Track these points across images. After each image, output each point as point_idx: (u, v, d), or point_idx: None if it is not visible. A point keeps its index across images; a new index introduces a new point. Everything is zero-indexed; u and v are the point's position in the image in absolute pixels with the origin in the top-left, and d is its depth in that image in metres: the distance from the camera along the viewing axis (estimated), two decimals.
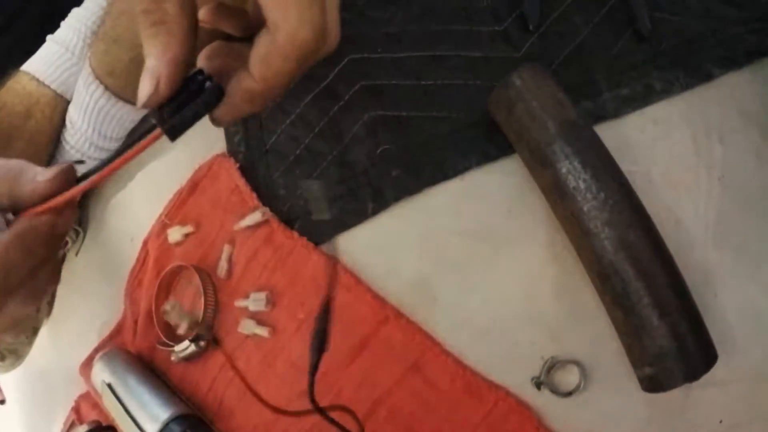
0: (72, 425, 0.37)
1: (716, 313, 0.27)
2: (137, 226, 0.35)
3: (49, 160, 0.37)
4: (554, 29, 0.31)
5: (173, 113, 0.21)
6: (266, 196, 0.30)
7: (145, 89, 0.21)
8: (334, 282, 0.26)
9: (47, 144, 0.36)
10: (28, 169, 0.23)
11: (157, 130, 0.21)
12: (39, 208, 0.22)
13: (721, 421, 0.27)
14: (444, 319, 0.27)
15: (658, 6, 0.31)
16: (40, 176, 0.22)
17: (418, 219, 0.28)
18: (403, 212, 0.28)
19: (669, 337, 0.23)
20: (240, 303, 0.30)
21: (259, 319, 0.29)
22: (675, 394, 0.25)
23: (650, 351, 0.23)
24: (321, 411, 0.19)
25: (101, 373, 0.33)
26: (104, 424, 0.35)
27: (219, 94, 0.21)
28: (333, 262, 0.27)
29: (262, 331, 0.29)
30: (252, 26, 0.26)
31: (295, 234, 0.29)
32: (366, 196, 0.29)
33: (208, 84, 0.21)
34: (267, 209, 0.30)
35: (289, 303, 0.29)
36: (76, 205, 0.25)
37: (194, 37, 0.21)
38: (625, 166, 0.26)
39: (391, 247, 0.28)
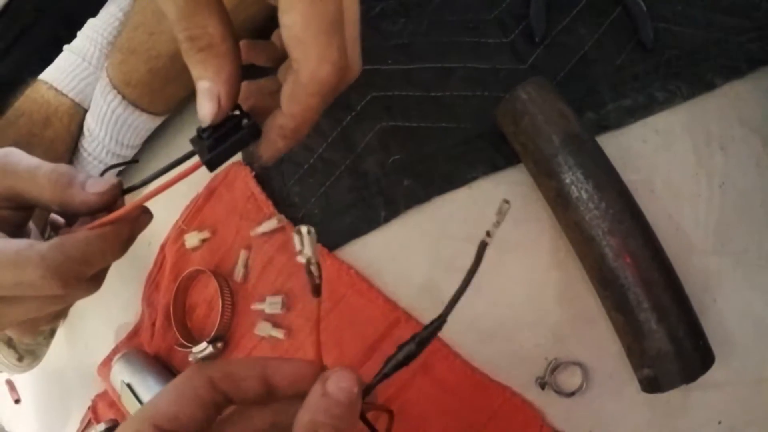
0: (89, 424, 0.40)
1: (715, 318, 0.29)
2: (154, 231, 0.38)
3: None
4: (559, 41, 0.33)
5: (213, 147, 0.22)
6: (281, 203, 0.32)
7: (207, 108, 0.21)
8: (350, 293, 0.27)
9: (65, 151, 0.38)
10: (77, 176, 0.23)
11: (197, 161, 0.23)
12: (93, 224, 0.22)
13: (720, 422, 0.29)
14: (452, 322, 0.29)
15: (661, 17, 0.33)
16: (90, 187, 0.23)
17: (428, 226, 0.30)
18: (413, 220, 0.30)
19: (667, 340, 0.25)
20: (256, 306, 0.32)
21: (274, 321, 0.32)
22: (674, 396, 0.27)
23: (649, 353, 0.25)
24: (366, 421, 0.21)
25: (120, 373, 0.35)
26: (121, 422, 0.37)
27: (255, 131, 0.23)
28: (349, 268, 0.29)
29: (278, 333, 0.31)
30: (280, 57, 0.28)
31: None
32: (378, 205, 0.31)
33: (245, 122, 0.23)
34: (282, 216, 0.32)
35: (303, 306, 0.31)
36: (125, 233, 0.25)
37: (240, 58, 0.22)
38: (627, 175, 0.28)
39: (402, 253, 0.30)
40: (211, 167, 0.23)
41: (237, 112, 0.23)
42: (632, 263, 0.26)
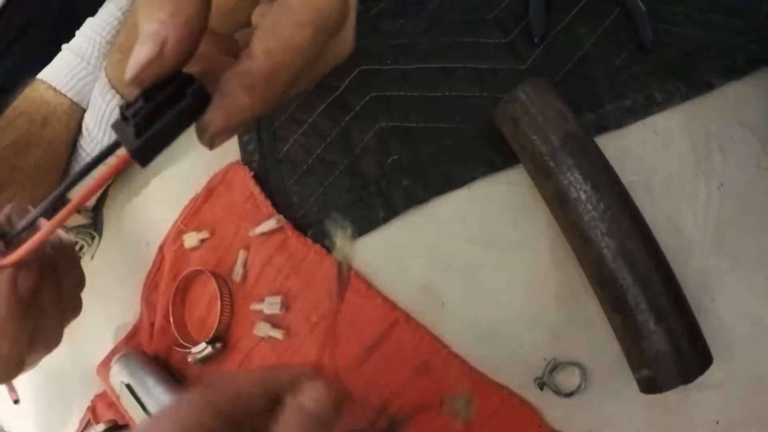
0: (88, 424, 0.40)
1: (714, 318, 0.29)
2: (153, 231, 0.38)
3: (65, 167, 0.39)
4: (558, 41, 0.33)
5: (143, 129, 0.16)
6: (280, 203, 0.33)
7: (142, 53, 0.16)
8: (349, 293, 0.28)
9: (64, 151, 0.39)
10: None
11: (124, 154, 0.17)
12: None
13: (717, 422, 0.29)
14: (451, 323, 0.30)
15: (660, 17, 0.33)
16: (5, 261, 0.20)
17: (426, 227, 0.31)
18: (412, 220, 0.31)
19: (665, 341, 0.25)
20: (255, 306, 0.33)
21: (273, 322, 0.32)
22: (673, 396, 0.27)
23: (647, 354, 0.26)
24: None
25: (119, 374, 0.36)
26: (120, 423, 0.38)
27: (203, 98, 0.17)
28: (346, 267, 0.30)
29: (277, 334, 0.32)
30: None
31: (309, 241, 0.32)
32: (377, 205, 0.31)
33: (189, 90, 0.17)
34: (281, 217, 0.32)
35: (302, 307, 0.32)
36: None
37: (209, 8, 0.17)
38: (626, 176, 0.29)
39: (400, 253, 0.31)
40: (142, 159, 0.17)
41: (179, 81, 0.17)
42: (630, 264, 0.26)
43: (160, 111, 0.16)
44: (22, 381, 0.47)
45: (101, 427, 0.37)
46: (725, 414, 0.29)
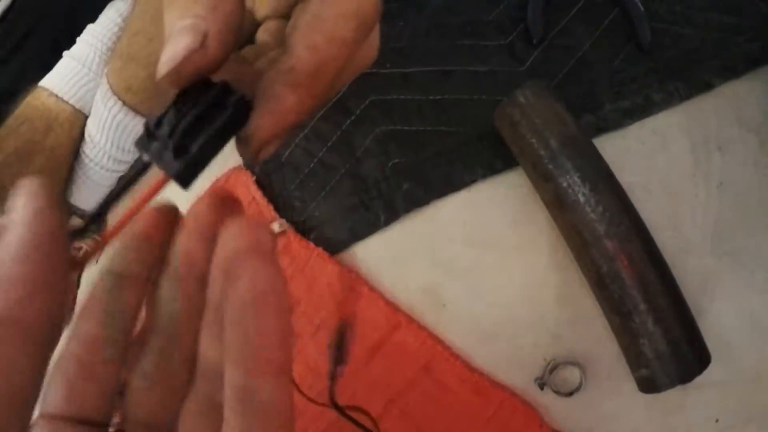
0: None
1: (713, 318, 0.29)
2: None
3: (68, 174, 0.40)
4: (557, 42, 0.34)
5: (182, 148, 0.14)
6: (282, 207, 0.33)
7: (180, 44, 0.15)
8: (351, 295, 0.29)
9: (67, 157, 0.40)
10: None
11: (161, 176, 0.15)
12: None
13: (717, 421, 0.30)
14: (452, 324, 0.30)
15: (658, 17, 0.34)
16: None
17: (427, 229, 0.31)
18: (413, 223, 0.31)
19: (663, 341, 0.26)
20: None
21: None
22: (672, 395, 0.28)
23: (646, 354, 0.26)
24: (341, 410, 0.22)
25: None
26: None
27: (246, 109, 0.15)
28: (350, 272, 0.30)
29: None
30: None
31: (311, 244, 0.32)
32: (378, 208, 0.32)
33: (231, 98, 0.15)
34: (284, 221, 0.33)
35: (305, 309, 0.32)
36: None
37: (244, 5, 0.16)
38: (624, 177, 0.29)
39: (402, 256, 0.31)
40: (185, 182, 0.15)
41: (213, 92, 0.15)
42: (629, 266, 0.27)
43: (199, 126, 0.15)
44: None
45: None
46: (724, 413, 0.30)
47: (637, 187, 0.30)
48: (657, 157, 0.32)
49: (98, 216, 0.43)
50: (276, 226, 0.33)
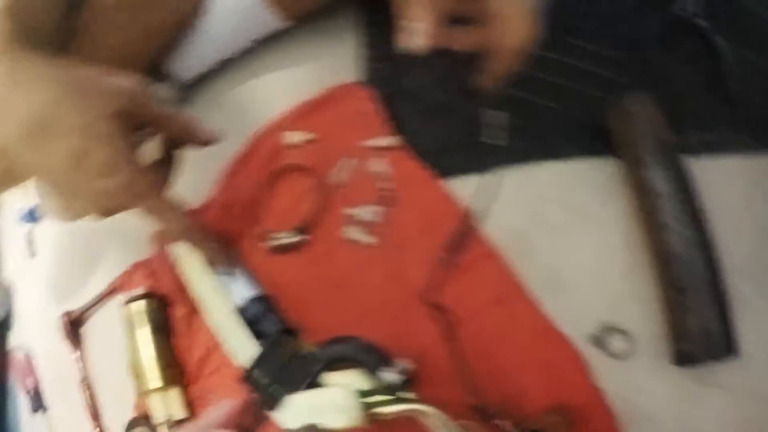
0: (118, 288, 0.40)
1: (741, 329, 0.35)
2: (248, 120, 0.40)
3: (176, 39, 0.41)
4: (659, 64, 0.40)
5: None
6: (398, 127, 0.37)
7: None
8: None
9: (185, 22, 0.40)
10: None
11: None
12: None
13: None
14: (533, 269, 0.34)
15: (753, 69, 0.40)
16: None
17: (524, 184, 0.36)
18: (513, 175, 0.36)
19: (708, 320, 0.31)
20: (347, 210, 0.36)
21: (366, 227, 0.35)
22: (697, 381, 0.33)
23: (690, 330, 0.31)
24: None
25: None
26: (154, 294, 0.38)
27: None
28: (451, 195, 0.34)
29: (368, 239, 0.35)
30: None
31: (422, 165, 0.35)
32: (486, 152, 0.36)
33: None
34: (399, 138, 0.36)
35: (399, 222, 0.35)
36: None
37: None
38: None
39: (502, 196, 0.35)
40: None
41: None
42: (694, 252, 0.32)
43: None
44: (47, 229, 0.46)
45: (138, 291, 0.38)
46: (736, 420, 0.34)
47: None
48: (717, 188, 0.38)
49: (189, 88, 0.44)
50: (391, 140, 0.36)
